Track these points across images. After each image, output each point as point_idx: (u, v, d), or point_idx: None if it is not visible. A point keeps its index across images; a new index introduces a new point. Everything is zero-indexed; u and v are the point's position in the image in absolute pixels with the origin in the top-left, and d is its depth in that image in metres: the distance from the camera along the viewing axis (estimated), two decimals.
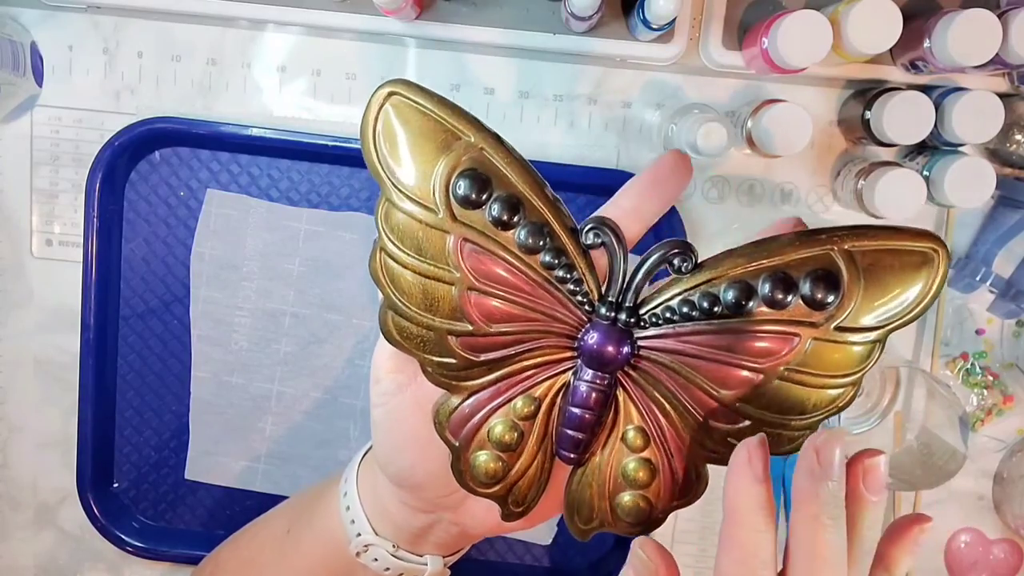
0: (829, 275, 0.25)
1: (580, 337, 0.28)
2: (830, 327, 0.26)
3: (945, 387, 0.52)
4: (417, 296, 0.28)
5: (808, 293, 0.26)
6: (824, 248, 0.26)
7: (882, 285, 0.26)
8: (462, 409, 0.30)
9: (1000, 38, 0.43)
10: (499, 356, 0.29)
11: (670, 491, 0.29)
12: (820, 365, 0.26)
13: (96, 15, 0.53)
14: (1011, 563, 0.57)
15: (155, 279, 0.55)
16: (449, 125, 0.27)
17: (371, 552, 0.36)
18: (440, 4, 0.49)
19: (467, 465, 0.30)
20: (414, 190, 0.27)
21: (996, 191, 0.48)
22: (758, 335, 0.26)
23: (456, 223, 0.27)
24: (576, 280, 0.28)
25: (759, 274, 0.26)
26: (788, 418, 0.27)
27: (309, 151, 0.53)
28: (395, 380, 0.31)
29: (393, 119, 0.27)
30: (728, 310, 0.26)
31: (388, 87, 0.27)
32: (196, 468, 0.57)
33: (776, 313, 0.26)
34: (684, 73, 0.53)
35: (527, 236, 0.27)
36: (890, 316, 0.26)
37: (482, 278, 0.28)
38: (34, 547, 0.59)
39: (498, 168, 0.27)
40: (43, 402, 0.57)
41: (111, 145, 0.52)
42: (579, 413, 0.29)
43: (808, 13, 0.43)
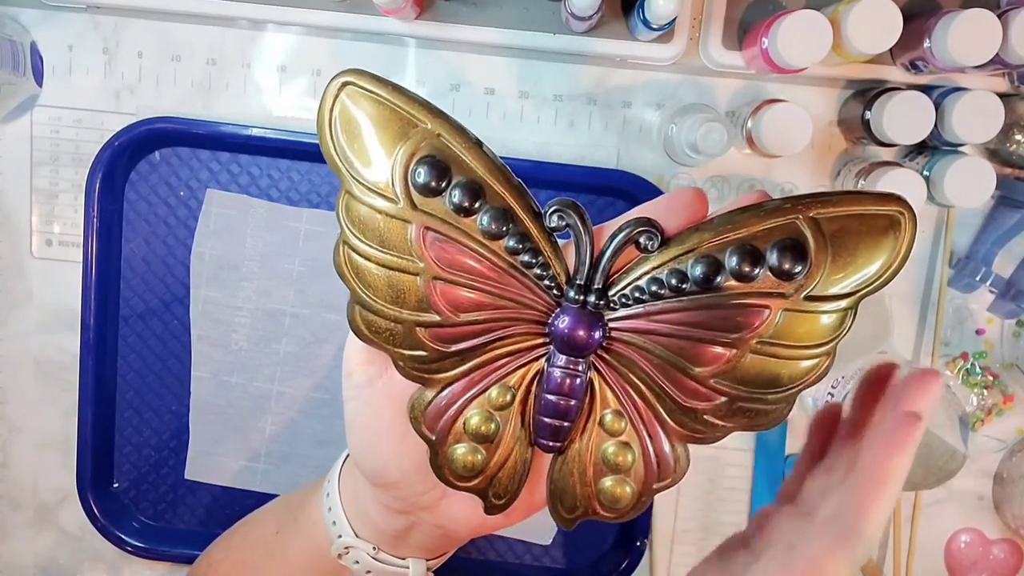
0: (796, 244, 0.25)
1: (550, 322, 0.28)
2: (800, 297, 0.26)
3: (945, 387, 0.52)
4: (383, 289, 0.28)
5: (776, 264, 0.25)
6: (789, 217, 0.25)
7: (850, 251, 0.25)
8: (437, 402, 0.29)
9: (1000, 38, 0.43)
10: (470, 346, 0.28)
11: (652, 473, 0.29)
12: (792, 336, 0.26)
13: (96, 15, 0.53)
14: (1011, 563, 0.57)
15: (155, 279, 0.55)
16: (405, 112, 0.26)
17: (352, 554, 0.35)
18: (440, 4, 0.49)
19: (445, 459, 0.30)
20: (373, 180, 0.27)
21: (996, 191, 0.48)
22: (728, 309, 0.26)
23: (417, 212, 0.27)
24: (543, 264, 0.27)
25: (726, 247, 0.26)
26: (764, 392, 0.27)
27: (309, 151, 0.53)
28: (366, 372, 0.31)
29: (349, 109, 0.27)
30: (697, 286, 0.26)
31: (342, 77, 0.27)
32: (196, 468, 0.57)
33: (745, 286, 0.26)
34: (684, 73, 0.53)
35: (489, 221, 0.26)
36: (860, 283, 0.25)
37: (447, 267, 0.27)
38: (34, 547, 0.59)
39: (457, 154, 0.26)
40: (43, 402, 0.57)
41: (111, 145, 0.52)
42: (554, 400, 0.28)
43: (808, 13, 0.43)
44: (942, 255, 0.55)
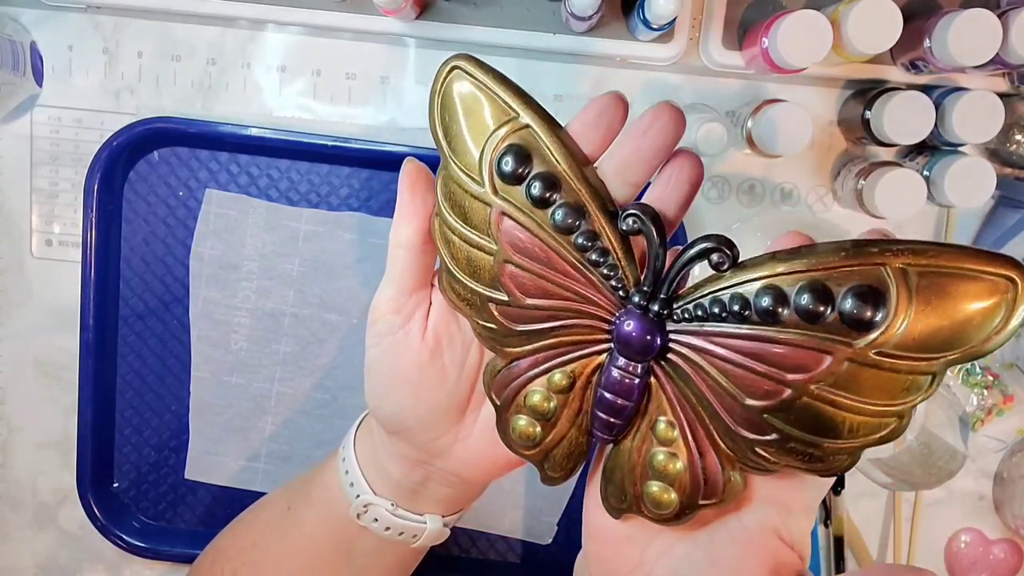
0: (875, 292, 0.23)
1: (614, 322, 0.28)
2: (869, 351, 0.23)
3: (945, 387, 0.52)
4: (463, 262, 0.29)
5: (847, 310, 0.23)
6: (875, 262, 0.23)
7: (940, 312, 0.22)
8: (505, 372, 0.30)
9: (1000, 38, 0.42)
10: (535, 329, 0.29)
11: (698, 488, 0.28)
12: (858, 390, 0.24)
13: (96, 15, 0.53)
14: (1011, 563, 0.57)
15: (154, 279, 0.55)
16: (501, 101, 0.27)
17: (371, 512, 0.36)
18: (440, 4, 0.49)
19: (507, 425, 0.31)
20: (465, 161, 0.28)
21: (996, 191, 0.48)
22: (788, 347, 0.24)
23: (497, 196, 0.28)
24: (611, 265, 0.27)
25: (797, 282, 0.24)
26: (818, 439, 0.25)
27: (309, 151, 0.53)
28: (391, 321, 0.32)
29: (454, 92, 0.28)
30: (759, 316, 0.25)
31: (452, 61, 0.28)
32: (196, 468, 0.57)
33: (809, 327, 0.24)
34: (684, 73, 0.53)
35: (563, 216, 0.27)
36: (947, 348, 0.23)
37: (518, 253, 0.28)
38: (34, 547, 0.59)
39: (542, 147, 0.27)
40: (43, 402, 0.57)
41: (110, 145, 0.52)
42: (610, 398, 0.29)
43: (808, 13, 0.43)
44: None
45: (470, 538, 0.58)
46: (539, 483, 0.57)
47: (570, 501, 0.57)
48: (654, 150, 0.27)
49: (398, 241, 0.31)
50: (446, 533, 0.39)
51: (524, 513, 0.57)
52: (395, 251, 0.32)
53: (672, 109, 0.27)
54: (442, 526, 0.38)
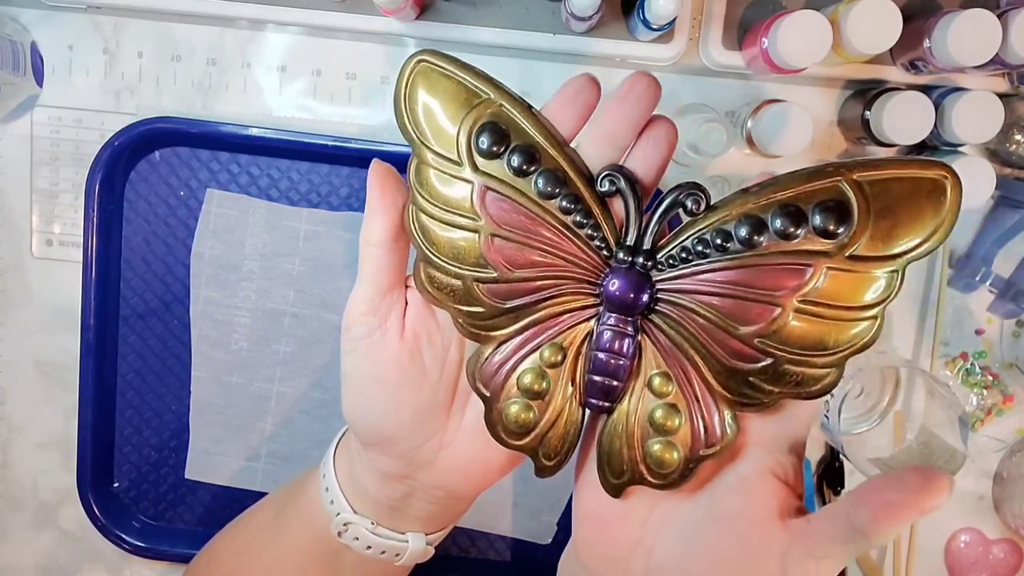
0: (839, 204, 0.26)
1: (600, 282, 0.29)
2: (843, 256, 0.26)
3: (945, 387, 0.52)
4: (445, 246, 0.30)
5: (818, 223, 0.26)
6: (832, 179, 0.26)
7: (894, 214, 0.26)
8: (492, 359, 0.31)
9: (1000, 38, 0.43)
10: (524, 303, 0.30)
11: (698, 438, 0.29)
12: (836, 296, 0.26)
13: (96, 15, 0.53)
14: (1011, 563, 0.57)
15: (155, 279, 0.55)
16: (471, 85, 0.29)
17: (351, 530, 0.36)
18: (440, 4, 0.49)
19: (499, 415, 0.31)
20: (441, 146, 0.29)
21: (996, 191, 0.48)
22: (771, 267, 0.27)
23: (478, 173, 0.29)
24: (593, 225, 0.29)
25: (769, 208, 0.27)
26: (810, 354, 0.27)
27: (309, 151, 0.53)
28: (366, 324, 0.32)
29: (421, 82, 0.29)
30: (741, 245, 0.27)
31: (417, 55, 0.29)
32: (196, 468, 0.57)
33: (788, 244, 0.26)
34: (684, 73, 0.53)
35: (544, 183, 0.28)
36: (906, 246, 0.26)
37: (503, 225, 0.29)
38: (34, 547, 0.59)
39: (516, 122, 0.28)
40: (43, 402, 0.57)
41: (111, 145, 0.52)
42: (604, 358, 0.29)
43: (808, 13, 0.43)
44: (942, 255, 0.55)
45: (470, 538, 0.58)
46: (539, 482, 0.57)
47: (570, 501, 0.57)
48: (636, 115, 0.29)
49: (370, 239, 0.31)
50: (430, 552, 0.38)
51: (524, 513, 0.57)
52: (367, 250, 0.32)
53: (647, 76, 0.29)
54: (425, 545, 0.37)
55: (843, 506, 0.26)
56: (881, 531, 0.25)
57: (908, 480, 0.25)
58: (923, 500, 0.24)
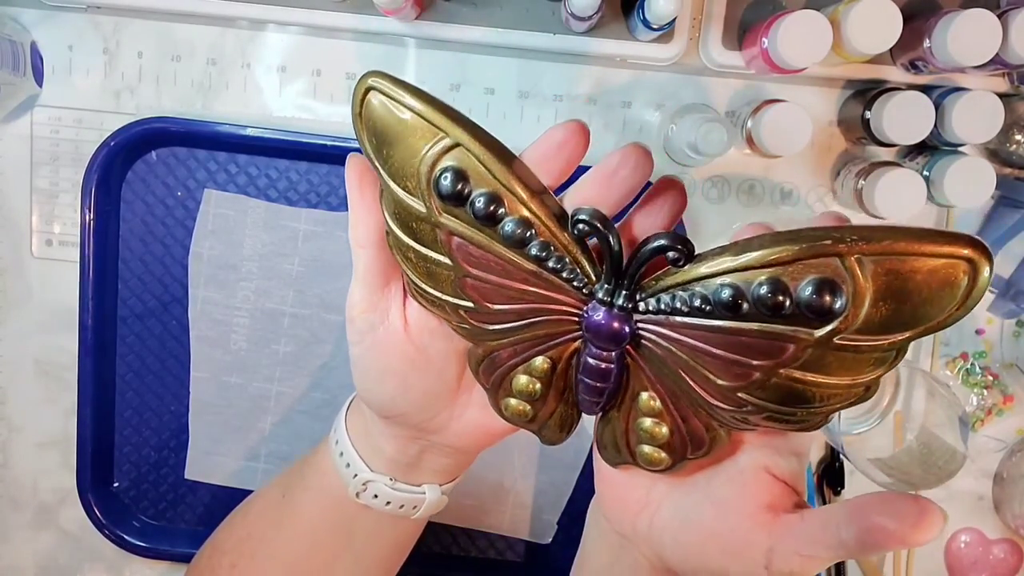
0: (831, 284, 0.23)
1: (582, 315, 0.28)
2: (831, 339, 0.23)
3: (945, 387, 0.52)
4: (423, 275, 0.29)
5: (805, 302, 0.23)
6: (830, 254, 0.23)
7: (898, 296, 0.22)
8: (488, 361, 0.31)
9: (1000, 38, 0.42)
10: (508, 327, 0.29)
11: (685, 446, 0.29)
12: (825, 370, 0.24)
13: (96, 15, 0.53)
14: (1011, 563, 0.57)
15: (153, 280, 0.55)
16: (425, 122, 0.26)
17: (370, 489, 0.37)
18: (440, 4, 0.49)
19: (499, 404, 0.32)
20: (403, 184, 0.27)
21: (996, 191, 0.48)
22: (752, 337, 0.25)
23: (443, 217, 0.27)
24: (570, 269, 0.27)
25: (755, 277, 0.24)
26: (792, 409, 0.26)
27: (308, 151, 0.53)
28: (367, 320, 0.32)
29: (375, 114, 0.27)
30: (719, 310, 0.25)
31: (366, 81, 0.26)
32: (196, 468, 0.57)
33: (770, 319, 0.24)
34: (684, 73, 0.53)
35: (512, 230, 0.26)
36: (907, 327, 0.23)
37: (474, 267, 0.28)
38: (34, 547, 0.59)
39: (476, 165, 0.26)
40: (43, 402, 0.57)
41: (107, 145, 0.52)
42: (590, 383, 0.29)
43: (808, 13, 0.43)
44: None
45: (470, 537, 0.58)
46: (539, 483, 0.57)
47: (570, 501, 0.57)
48: (623, 191, 0.27)
49: (358, 241, 0.31)
50: (445, 501, 0.39)
51: (524, 512, 0.57)
52: (357, 251, 0.31)
53: (640, 151, 0.27)
54: (440, 494, 0.38)
55: (837, 515, 0.26)
56: (865, 553, 0.25)
57: (903, 508, 0.24)
58: (913, 533, 0.24)
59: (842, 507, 0.26)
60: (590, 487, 0.35)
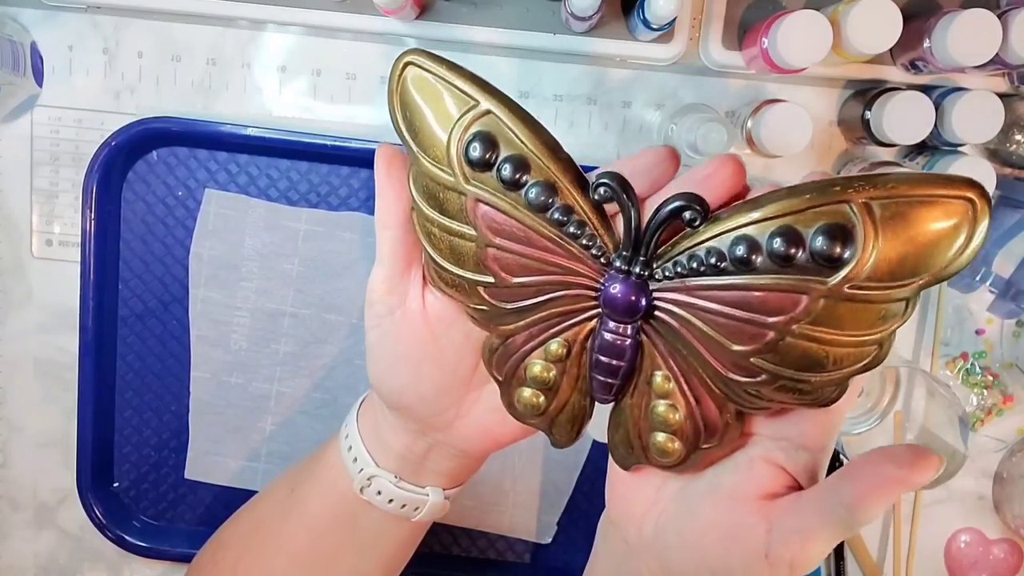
0: (842, 229, 0.23)
1: (599, 288, 0.29)
2: (843, 286, 0.24)
3: (945, 387, 0.52)
4: (446, 251, 0.30)
5: (817, 250, 0.24)
6: (839, 200, 0.23)
7: (907, 240, 0.23)
8: (502, 349, 0.31)
9: (1000, 38, 0.42)
10: (525, 305, 0.30)
11: (699, 433, 0.29)
12: (837, 324, 0.25)
13: (96, 15, 0.53)
14: (1011, 563, 0.57)
15: (153, 279, 0.55)
16: (459, 91, 0.28)
17: (374, 485, 0.37)
18: (440, 4, 0.49)
19: (512, 399, 0.32)
20: (433, 153, 0.29)
21: (996, 191, 0.48)
22: (765, 292, 0.25)
23: (469, 184, 0.28)
24: (589, 235, 0.28)
25: (767, 228, 0.25)
26: (806, 375, 0.26)
27: (308, 151, 0.53)
28: (387, 303, 0.32)
29: (411, 87, 0.28)
30: (734, 266, 0.25)
31: (405, 57, 0.28)
32: (196, 468, 0.57)
33: (783, 270, 0.25)
34: (684, 73, 0.53)
35: (536, 195, 0.28)
36: (919, 275, 0.23)
37: (497, 236, 0.29)
38: (34, 547, 0.59)
39: (506, 131, 0.28)
40: (43, 402, 0.57)
41: (108, 145, 0.52)
42: (606, 360, 0.29)
43: (808, 13, 0.43)
44: None
45: (470, 537, 0.58)
46: (539, 483, 0.57)
47: (570, 501, 0.57)
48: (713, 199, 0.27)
49: (384, 223, 0.32)
50: (447, 506, 0.39)
51: (524, 512, 0.57)
52: (382, 233, 0.32)
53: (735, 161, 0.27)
54: (443, 498, 0.38)
55: (831, 480, 0.26)
56: (867, 503, 0.24)
57: (899, 454, 0.24)
58: (912, 474, 0.24)
59: (835, 474, 0.26)
60: (590, 487, 0.35)
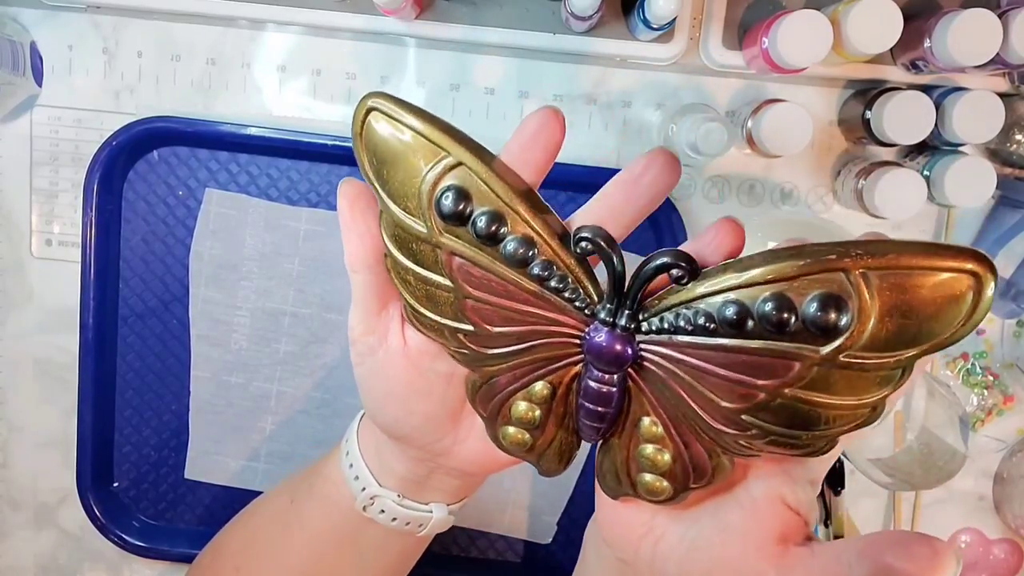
0: (837, 300, 0.22)
1: (584, 337, 0.28)
2: (837, 355, 0.23)
3: (945, 387, 0.52)
4: (423, 298, 0.29)
5: (810, 319, 0.23)
6: (835, 269, 0.22)
7: (904, 312, 0.22)
8: (486, 388, 0.30)
9: (1000, 38, 0.42)
10: (507, 351, 0.29)
11: (688, 475, 0.28)
12: (829, 389, 0.24)
13: (96, 15, 0.53)
14: (1011, 563, 0.57)
15: (154, 279, 0.55)
16: (427, 141, 0.26)
17: (377, 504, 0.37)
18: (440, 4, 0.49)
19: (497, 433, 0.31)
20: (404, 204, 0.27)
21: (996, 191, 0.48)
22: (754, 356, 0.24)
23: (443, 237, 0.27)
24: (572, 289, 0.27)
25: (759, 293, 0.24)
26: (797, 432, 0.25)
27: (308, 151, 0.53)
28: (366, 343, 0.32)
29: (376, 134, 0.27)
30: (724, 328, 0.24)
31: (368, 102, 0.27)
32: (196, 467, 0.57)
33: (775, 336, 0.24)
34: (684, 73, 0.53)
35: (514, 249, 0.26)
36: (913, 343, 0.23)
37: (476, 289, 0.27)
38: (34, 547, 0.59)
39: (479, 183, 0.26)
40: (43, 402, 0.57)
41: (109, 145, 0.52)
42: (591, 407, 0.29)
43: (808, 13, 0.43)
44: None
45: (470, 537, 0.58)
46: (539, 483, 0.57)
47: (570, 501, 0.57)
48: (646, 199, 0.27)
49: (352, 265, 0.30)
50: (451, 521, 0.39)
51: (524, 512, 0.57)
52: (353, 276, 0.31)
53: (666, 154, 0.27)
54: (447, 514, 0.38)
55: (848, 552, 0.25)
56: None
57: (916, 550, 0.24)
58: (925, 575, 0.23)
59: (854, 543, 0.25)
60: (590, 487, 0.35)
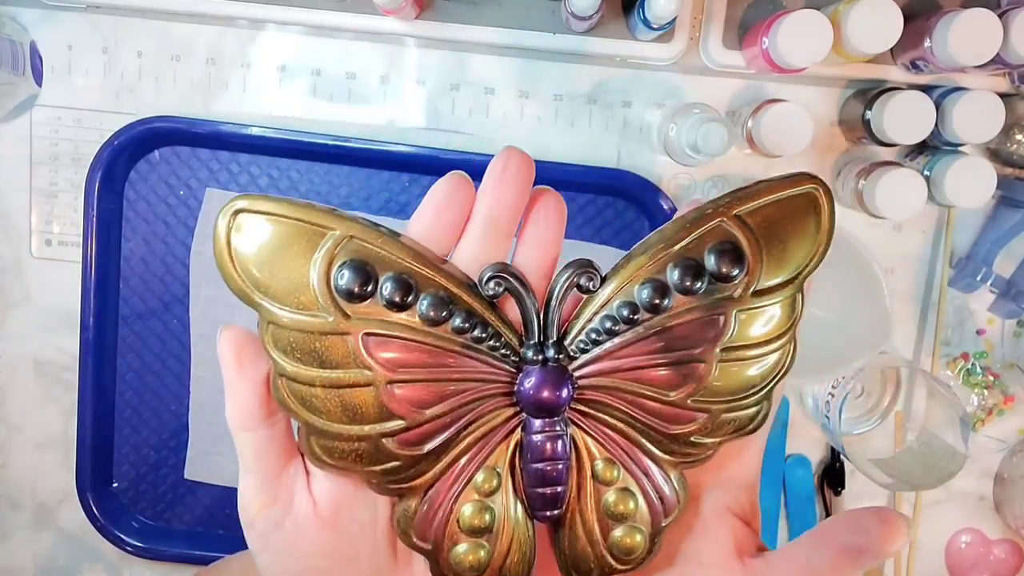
0: (729, 246, 0.26)
1: (516, 389, 0.26)
2: (748, 295, 0.26)
3: (945, 387, 0.52)
4: (336, 412, 0.26)
5: (716, 269, 0.25)
6: (715, 221, 0.26)
7: (780, 238, 0.26)
8: (423, 509, 0.27)
9: (1000, 38, 0.43)
10: (443, 440, 0.27)
11: (657, 512, 0.28)
12: (753, 335, 0.26)
13: (96, 15, 0.53)
14: (1011, 563, 0.57)
15: (154, 279, 0.55)
16: (308, 224, 0.25)
17: None
18: (440, 4, 0.49)
19: (448, 566, 0.28)
20: (295, 301, 0.25)
21: (997, 191, 0.48)
22: (685, 326, 0.26)
23: (351, 320, 0.25)
24: (494, 335, 0.26)
25: (664, 267, 0.26)
26: (741, 398, 0.27)
27: (308, 150, 0.53)
28: (269, 518, 0.27)
29: (250, 236, 0.25)
30: (649, 311, 0.26)
31: (230, 207, 0.25)
32: (195, 468, 0.57)
33: (694, 299, 0.26)
34: (684, 73, 0.53)
35: (428, 308, 0.25)
36: (799, 264, 0.26)
37: (398, 367, 0.25)
38: (34, 547, 0.59)
39: (375, 251, 0.25)
40: (43, 402, 0.57)
41: (110, 144, 0.52)
42: (541, 468, 0.27)
43: (808, 13, 0.43)
44: (942, 255, 0.55)
45: None
46: None
47: None
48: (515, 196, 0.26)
49: (241, 424, 0.27)
50: None
51: None
52: (241, 436, 0.27)
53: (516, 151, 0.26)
54: None
55: (801, 547, 0.26)
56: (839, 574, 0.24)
57: (866, 522, 0.24)
58: (881, 544, 0.24)
59: (805, 538, 0.26)
60: None
